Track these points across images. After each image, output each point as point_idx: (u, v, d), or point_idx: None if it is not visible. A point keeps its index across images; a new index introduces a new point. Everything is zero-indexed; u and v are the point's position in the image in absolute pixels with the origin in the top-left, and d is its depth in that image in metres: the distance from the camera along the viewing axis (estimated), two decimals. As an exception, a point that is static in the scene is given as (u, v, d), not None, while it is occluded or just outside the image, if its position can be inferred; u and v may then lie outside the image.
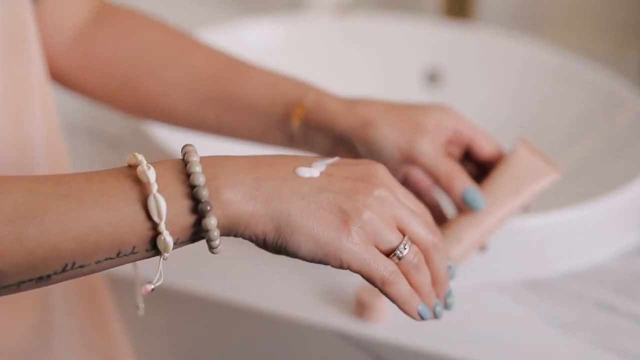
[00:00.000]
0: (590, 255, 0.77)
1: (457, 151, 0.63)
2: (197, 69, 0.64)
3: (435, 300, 0.48)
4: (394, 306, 0.44)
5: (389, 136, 0.59)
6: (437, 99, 1.04)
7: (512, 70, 1.02)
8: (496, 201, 0.59)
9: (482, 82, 1.03)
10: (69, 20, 0.64)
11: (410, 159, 0.60)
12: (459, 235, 0.59)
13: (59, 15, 0.63)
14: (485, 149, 0.62)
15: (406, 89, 1.05)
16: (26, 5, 0.54)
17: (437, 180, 0.60)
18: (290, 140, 0.63)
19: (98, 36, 0.64)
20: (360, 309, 0.68)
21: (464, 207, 0.59)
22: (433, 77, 1.05)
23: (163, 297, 0.72)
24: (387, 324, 0.68)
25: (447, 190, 0.59)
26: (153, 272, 0.44)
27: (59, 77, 0.65)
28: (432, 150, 0.59)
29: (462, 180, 0.59)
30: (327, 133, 0.61)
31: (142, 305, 0.51)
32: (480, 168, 0.64)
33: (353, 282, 0.70)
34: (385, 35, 1.07)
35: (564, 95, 0.97)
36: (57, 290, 0.61)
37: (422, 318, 0.47)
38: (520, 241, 0.74)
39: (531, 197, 0.61)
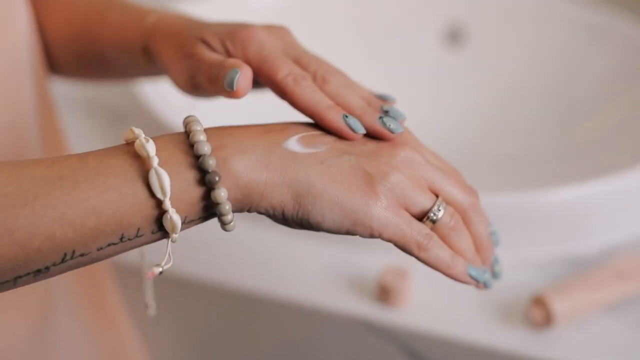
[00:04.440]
0: (631, 228, 0.71)
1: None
2: (70, 22, 0.57)
3: (483, 268, 0.44)
4: (419, 291, 0.39)
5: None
6: (459, 59, 0.98)
7: (540, 26, 0.96)
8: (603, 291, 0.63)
9: (508, 39, 0.97)
10: None
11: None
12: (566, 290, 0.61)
13: None
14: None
15: (424, 49, 0.99)
16: None
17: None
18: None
19: None
20: (384, 293, 0.64)
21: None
22: (454, 36, 0.98)
23: (176, 285, 0.70)
24: (411, 309, 0.64)
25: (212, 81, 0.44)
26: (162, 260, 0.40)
27: None
28: None
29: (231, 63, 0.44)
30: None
31: (152, 303, 0.49)
32: None
33: (374, 266, 0.67)
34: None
35: (597, 52, 0.92)
36: (59, 287, 0.57)
37: (476, 281, 0.43)
38: (554, 215, 0.68)
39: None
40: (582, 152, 0.86)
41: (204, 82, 0.45)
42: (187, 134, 0.40)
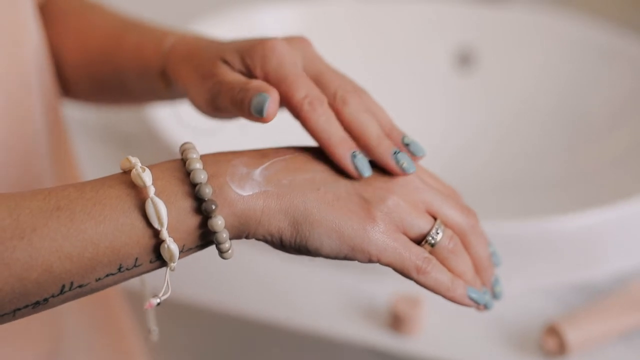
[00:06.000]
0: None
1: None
2: (87, 45, 0.56)
3: (483, 289, 0.43)
4: (432, 319, 0.38)
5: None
6: (470, 82, 0.98)
7: (551, 49, 0.96)
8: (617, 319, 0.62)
9: (519, 62, 0.97)
10: None
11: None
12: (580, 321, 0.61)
13: None
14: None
15: (435, 73, 0.99)
16: (28, 8, 0.50)
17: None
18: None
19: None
20: (396, 321, 0.64)
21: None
22: (464, 59, 0.98)
23: (184, 312, 0.69)
24: (424, 337, 0.64)
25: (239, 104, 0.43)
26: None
27: None
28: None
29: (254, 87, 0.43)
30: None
31: (155, 328, 0.48)
32: None
33: (385, 294, 0.66)
34: (411, 15, 1.01)
35: (608, 76, 0.91)
36: (68, 315, 0.57)
37: (476, 303, 0.42)
38: (567, 241, 0.68)
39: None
40: (594, 176, 0.85)
41: (226, 104, 0.44)
42: (183, 161, 0.40)
